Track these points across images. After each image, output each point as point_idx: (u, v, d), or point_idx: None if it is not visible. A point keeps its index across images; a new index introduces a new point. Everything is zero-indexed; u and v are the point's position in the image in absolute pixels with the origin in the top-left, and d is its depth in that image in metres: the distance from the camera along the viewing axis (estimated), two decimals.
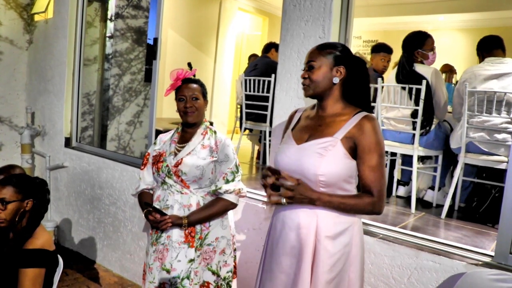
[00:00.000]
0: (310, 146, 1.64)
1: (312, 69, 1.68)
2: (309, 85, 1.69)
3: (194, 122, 2.19)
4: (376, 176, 1.60)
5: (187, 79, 2.18)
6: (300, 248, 1.64)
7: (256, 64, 4.75)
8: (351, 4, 2.50)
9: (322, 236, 1.62)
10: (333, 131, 1.64)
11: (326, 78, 1.67)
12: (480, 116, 2.94)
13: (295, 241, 1.66)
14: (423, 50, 3.37)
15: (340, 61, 1.67)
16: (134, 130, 4.86)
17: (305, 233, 1.63)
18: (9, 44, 4.71)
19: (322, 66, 1.67)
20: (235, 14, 7.45)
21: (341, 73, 1.67)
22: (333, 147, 1.60)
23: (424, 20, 8.03)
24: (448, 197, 2.95)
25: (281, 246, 1.70)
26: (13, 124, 4.82)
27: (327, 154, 1.59)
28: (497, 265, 2.02)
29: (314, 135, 1.67)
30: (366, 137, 1.60)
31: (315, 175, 1.59)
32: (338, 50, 1.69)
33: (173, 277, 2.09)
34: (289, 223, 1.68)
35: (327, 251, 1.62)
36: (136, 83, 4.83)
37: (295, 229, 1.66)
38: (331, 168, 1.59)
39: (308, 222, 1.64)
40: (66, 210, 4.26)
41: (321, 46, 1.71)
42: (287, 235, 1.68)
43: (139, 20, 4.78)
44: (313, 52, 1.70)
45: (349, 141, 1.62)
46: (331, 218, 1.64)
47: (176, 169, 2.12)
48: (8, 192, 2.05)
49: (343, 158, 1.60)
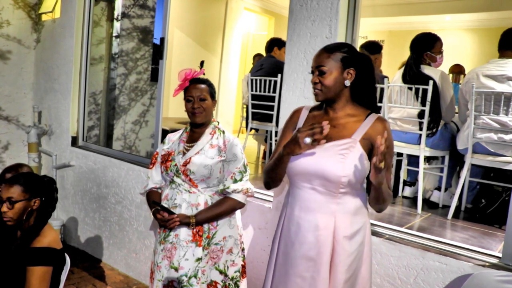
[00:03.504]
0: (331, 147, 1.62)
1: (323, 75, 1.65)
2: (321, 89, 1.66)
3: (202, 122, 2.19)
4: (388, 176, 1.61)
5: (195, 79, 2.19)
6: (318, 250, 1.63)
7: (262, 64, 4.75)
8: (358, 4, 2.49)
9: (341, 236, 1.62)
10: (350, 133, 1.64)
11: (338, 82, 1.66)
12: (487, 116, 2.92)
13: (313, 243, 1.64)
14: (432, 52, 3.35)
15: (350, 63, 1.66)
16: (140, 129, 4.87)
17: (324, 234, 1.63)
18: (17, 43, 4.73)
19: (332, 70, 1.65)
20: (241, 13, 7.46)
21: (352, 75, 1.67)
22: (353, 148, 1.61)
23: (430, 20, 8.00)
24: (455, 198, 2.94)
25: (297, 248, 1.68)
26: (20, 123, 4.85)
27: (349, 156, 1.60)
28: (504, 266, 2.01)
29: (331, 136, 1.64)
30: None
31: (338, 177, 1.58)
32: (346, 52, 1.67)
33: (180, 276, 2.09)
34: (306, 225, 1.66)
35: (345, 251, 1.62)
36: (142, 82, 4.85)
37: (313, 230, 1.64)
38: (353, 169, 1.59)
39: (326, 223, 1.63)
40: (72, 209, 4.28)
41: (329, 49, 1.69)
42: (304, 237, 1.66)
43: (145, 20, 4.80)
44: (322, 56, 1.67)
45: (366, 142, 1.62)
46: (348, 218, 1.64)
47: (185, 168, 2.13)
48: (15, 191, 2.06)
49: (363, 159, 1.61)
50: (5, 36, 4.64)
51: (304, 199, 1.68)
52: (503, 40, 3.16)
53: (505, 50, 3.12)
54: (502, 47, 3.16)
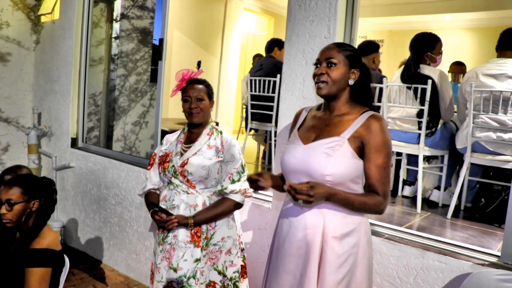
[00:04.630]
0: (317, 146, 1.63)
1: (331, 66, 1.64)
2: (327, 82, 1.65)
3: (199, 122, 2.19)
4: (382, 175, 1.60)
5: (193, 79, 2.19)
6: (307, 248, 1.64)
7: (262, 64, 4.75)
8: (356, 4, 2.49)
9: (329, 237, 1.62)
10: (340, 131, 1.64)
11: (344, 78, 1.66)
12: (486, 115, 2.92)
13: (302, 241, 1.65)
14: (432, 53, 3.35)
15: (356, 63, 1.67)
16: (140, 130, 4.87)
17: (312, 233, 1.63)
18: (16, 45, 4.73)
19: (341, 65, 1.65)
20: (240, 14, 7.46)
21: (355, 75, 1.67)
22: (340, 146, 1.60)
23: (430, 20, 8.00)
24: (454, 197, 2.94)
25: (287, 246, 1.70)
26: (20, 124, 4.85)
27: (334, 154, 1.59)
28: (503, 265, 2.01)
29: (321, 135, 1.66)
30: (373, 137, 1.59)
31: (322, 175, 1.59)
32: (354, 52, 1.68)
33: (179, 276, 2.10)
34: (296, 223, 1.68)
35: (334, 252, 1.61)
36: (141, 83, 4.85)
37: (302, 229, 1.66)
38: (338, 168, 1.58)
39: (315, 222, 1.64)
40: (72, 210, 4.29)
41: (339, 45, 1.70)
42: (294, 235, 1.68)
43: (144, 21, 4.80)
44: (333, 50, 1.67)
45: (356, 140, 1.61)
46: (338, 219, 1.64)
47: (182, 169, 2.13)
48: (15, 193, 2.06)
49: (350, 158, 1.60)
50: (4, 38, 4.64)
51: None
52: (502, 40, 3.16)
53: (504, 50, 3.12)
54: (502, 47, 3.15)
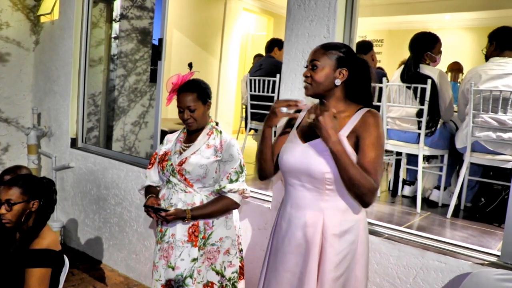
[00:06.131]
0: (316, 144, 1.64)
1: (315, 69, 1.67)
2: (311, 84, 1.69)
3: (195, 129, 2.20)
4: (374, 168, 1.56)
5: (183, 87, 2.15)
6: (306, 246, 1.65)
7: (261, 64, 4.75)
8: (355, 4, 2.49)
9: (329, 234, 1.63)
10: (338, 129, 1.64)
11: (328, 79, 1.67)
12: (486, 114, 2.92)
13: (302, 239, 1.66)
14: (432, 53, 3.35)
15: (343, 63, 1.67)
16: (139, 130, 4.87)
17: (311, 231, 1.64)
18: (16, 45, 4.73)
19: (325, 67, 1.66)
20: (240, 14, 7.45)
21: (344, 75, 1.67)
22: None
23: (430, 19, 8.00)
24: (454, 197, 2.93)
25: (287, 244, 1.71)
26: (19, 125, 4.85)
27: None
28: (503, 265, 2.01)
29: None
30: (368, 131, 1.60)
31: (322, 174, 1.60)
32: (342, 52, 1.68)
33: (176, 275, 2.11)
34: (296, 221, 1.69)
35: (334, 249, 1.62)
36: (141, 83, 4.85)
37: (301, 227, 1.67)
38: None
39: (314, 220, 1.65)
40: (72, 210, 4.28)
41: (326, 46, 1.70)
42: (294, 233, 1.69)
43: (144, 21, 4.80)
44: (318, 52, 1.69)
45: (352, 136, 1.62)
46: (337, 217, 1.65)
47: (180, 167, 2.13)
48: (14, 193, 2.06)
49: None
50: (4, 38, 4.64)
51: (295, 196, 1.72)
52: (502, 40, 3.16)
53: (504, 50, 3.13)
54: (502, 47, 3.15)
